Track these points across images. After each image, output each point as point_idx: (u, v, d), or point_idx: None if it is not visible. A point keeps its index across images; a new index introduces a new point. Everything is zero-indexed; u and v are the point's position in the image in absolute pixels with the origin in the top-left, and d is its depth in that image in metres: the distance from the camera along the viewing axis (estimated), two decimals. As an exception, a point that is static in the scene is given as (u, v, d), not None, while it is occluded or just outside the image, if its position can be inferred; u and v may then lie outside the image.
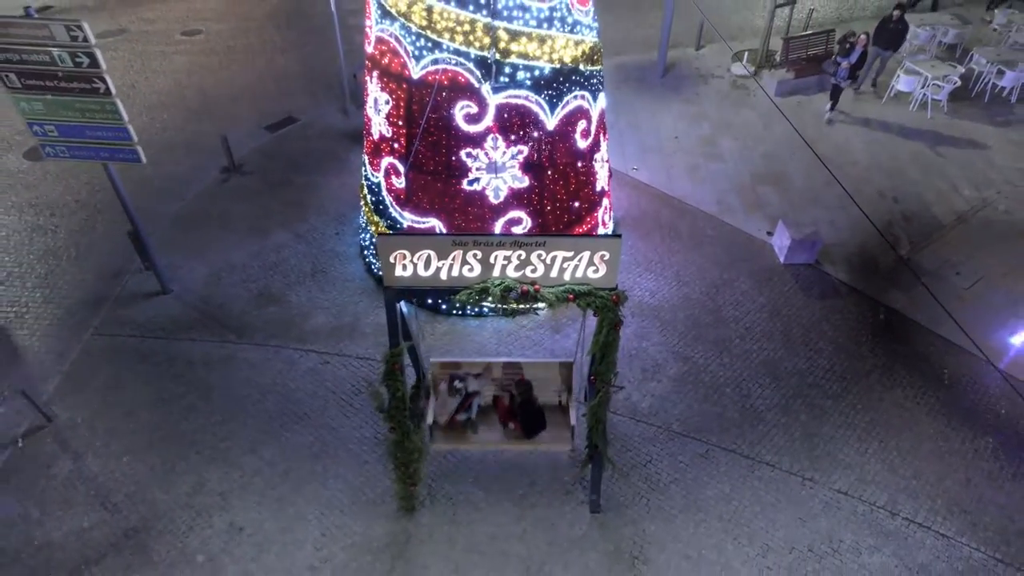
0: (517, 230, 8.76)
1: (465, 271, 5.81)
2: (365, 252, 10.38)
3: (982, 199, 11.54)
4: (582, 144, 8.84)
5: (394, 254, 5.70)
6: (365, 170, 9.74)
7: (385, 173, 9.01)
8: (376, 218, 9.56)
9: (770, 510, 7.27)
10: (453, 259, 5.73)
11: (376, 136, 8.95)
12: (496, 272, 5.81)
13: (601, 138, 9.44)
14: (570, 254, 5.70)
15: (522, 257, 5.71)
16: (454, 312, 9.51)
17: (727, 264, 10.31)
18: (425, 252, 5.71)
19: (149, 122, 13.51)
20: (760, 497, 7.38)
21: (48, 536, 7.12)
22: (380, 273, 9.84)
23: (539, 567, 6.83)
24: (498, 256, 5.72)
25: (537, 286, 5.85)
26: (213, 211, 11.48)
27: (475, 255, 5.69)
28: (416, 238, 5.81)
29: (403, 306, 6.33)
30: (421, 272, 5.82)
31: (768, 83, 14.71)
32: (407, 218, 8.92)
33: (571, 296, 5.89)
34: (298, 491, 7.48)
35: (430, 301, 9.29)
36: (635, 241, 10.65)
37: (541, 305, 9.71)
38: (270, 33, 17.48)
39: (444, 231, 8.65)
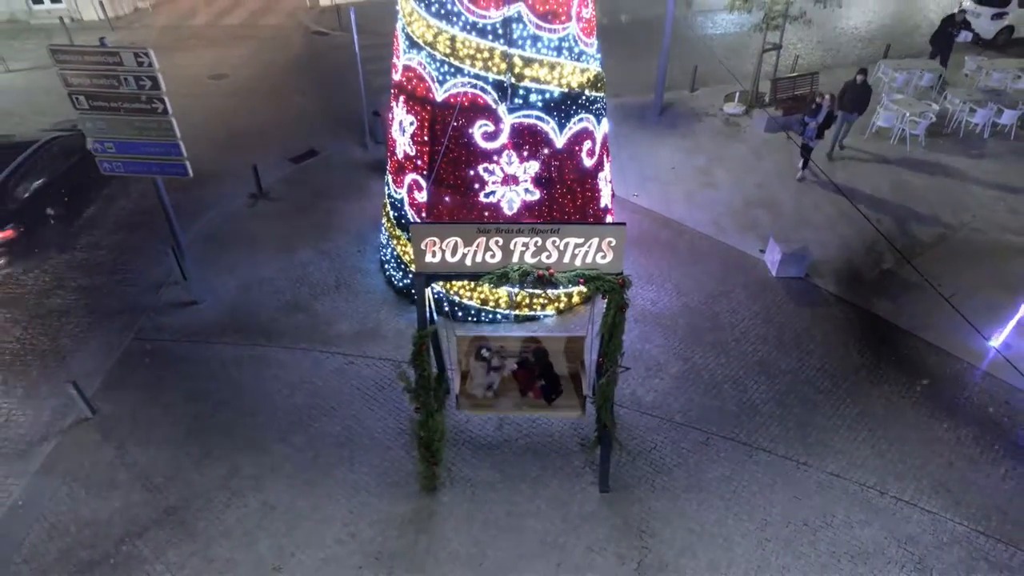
0: (529, 240, 9.52)
1: (488, 257, 6.53)
2: (385, 266, 11.14)
3: (959, 222, 12.38)
4: (588, 163, 9.72)
5: (425, 241, 6.45)
6: (388, 188, 10.59)
7: (408, 189, 9.85)
8: (398, 232, 10.36)
9: (767, 490, 7.80)
10: (477, 246, 6.46)
11: (400, 155, 9.83)
12: (515, 258, 6.53)
13: (604, 159, 10.33)
14: (580, 240, 6.42)
15: (538, 244, 6.44)
16: (469, 319, 10.19)
17: (723, 277, 11.06)
18: (453, 239, 6.45)
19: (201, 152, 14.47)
20: (758, 479, 7.92)
21: (95, 513, 7.64)
22: (399, 284, 10.68)
23: (553, 539, 7.32)
24: (517, 243, 6.45)
25: (551, 270, 6.57)
26: (242, 232, 12.30)
27: (497, 242, 6.42)
28: (445, 226, 6.54)
29: (435, 316, 7.06)
30: (448, 258, 6.54)
31: (758, 120, 15.78)
32: (427, 230, 9.69)
33: (581, 280, 6.61)
34: (326, 474, 8.02)
35: (446, 308, 10.00)
36: (637, 257, 11.41)
37: (550, 312, 10.44)
38: (292, 77, 18.73)
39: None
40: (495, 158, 9.07)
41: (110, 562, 7.17)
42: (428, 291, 6.90)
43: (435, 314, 7.36)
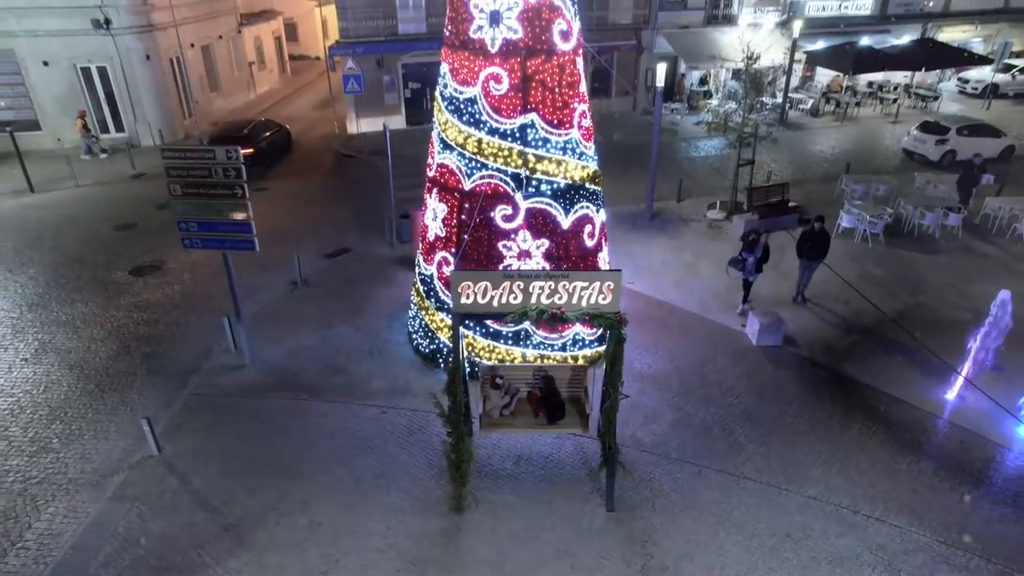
0: (540, 306, 11.15)
1: (511, 299, 8.14)
2: (413, 336, 12.67)
3: (916, 302, 14.07)
4: (589, 243, 11.57)
5: (462, 285, 8.09)
6: (419, 267, 12.37)
7: (437, 265, 11.63)
8: (426, 303, 12.02)
9: (754, 509, 8.87)
10: (503, 289, 8.10)
11: (432, 237, 11.71)
12: (533, 299, 8.14)
13: (603, 242, 12.20)
14: (585, 283, 8.06)
15: (551, 287, 8.07)
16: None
17: (709, 345, 12.56)
18: (484, 284, 8.10)
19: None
20: (745, 501, 9.01)
21: (162, 530, 8.68)
22: (426, 351, 12.16)
23: (566, 548, 8.33)
24: (534, 286, 8.09)
25: (562, 309, 8.16)
26: (285, 312, 13.96)
27: (519, 285, 8.06)
28: (478, 272, 8.18)
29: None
30: (479, 300, 8.15)
31: (738, 224, 17.93)
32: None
33: (587, 318, 8.19)
34: (366, 498, 9.12)
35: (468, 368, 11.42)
36: (632, 332, 12.77)
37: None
38: (325, 190, 21.23)
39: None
40: (512, 236, 10.92)
41: (177, 568, 8.14)
42: (460, 331, 8.44)
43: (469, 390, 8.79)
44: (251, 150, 20.79)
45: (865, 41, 30.24)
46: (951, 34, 33.04)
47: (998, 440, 10.15)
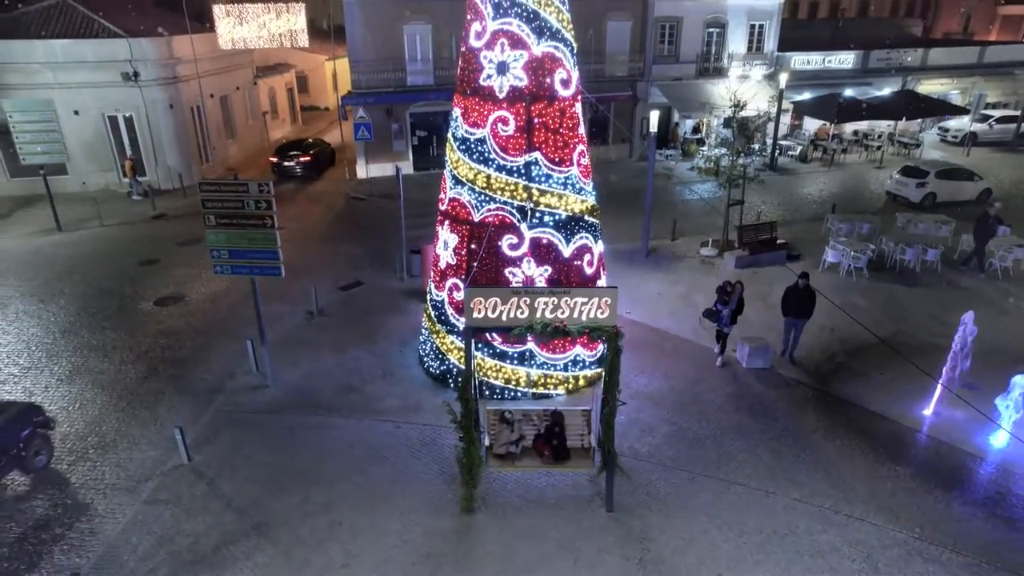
0: (543, 328, 12.03)
1: (518, 313, 9.05)
2: (424, 359, 13.49)
3: (897, 329, 14.93)
4: (588, 271, 12.53)
5: (474, 301, 9.01)
6: (430, 294, 13.29)
7: (448, 291, 12.55)
8: (437, 327, 12.89)
9: (743, 510, 9.55)
10: (511, 304, 9.02)
11: (443, 266, 12.67)
12: (538, 314, 9.03)
13: (601, 271, 13.17)
14: (585, 299, 8.99)
15: (555, 302, 8.99)
16: (495, 396, 12.34)
17: (702, 367, 13.38)
18: (494, 299, 9.03)
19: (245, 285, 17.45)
20: (735, 503, 9.70)
21: (194, 528, 9.36)
22: (436, 372, 12.96)
23: (570, 543, 9.00)
24: (540, 302, 9.01)
25: (565, 322, 9.05)
26: (303, 338, 14.82)
27: (525, 301, 8.99)
28: (488, 289, 9.09)
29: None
30: (490, 314, 9.06)
31: (729, 259, 18.94)
32: (461, 321, 12.23)
33: (586, 331, 9.07)
34: (382, 501, 9.81)
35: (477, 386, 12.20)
36: (630, 355, 13.72)
37: (561, 391, 12.61)
38: (337, 230, 22.34)
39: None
40: (518, 264, 11.88)
41: (208, 562, 8.80)
42: (473, 348, 9.31)
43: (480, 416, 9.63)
44: (308, 158, 28.88)
45: (849, 92, 31.96)
46: (930, 86, 34.82)
47: (971, 451, 10.88)
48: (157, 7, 32.53)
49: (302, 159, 28.60)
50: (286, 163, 28.57)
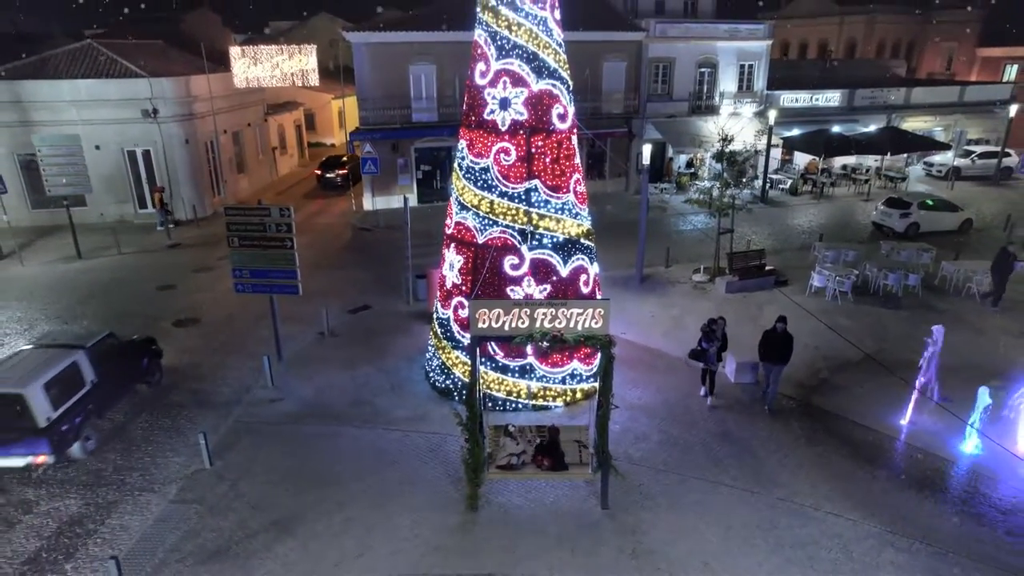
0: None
1: (519, 323, 9.90)
2: (430, 374, 14.28)
3: (879, 347, 15.75)
4: (584, 290, 13.41)
5: (479, 312, 9.87)
6: (436, 312, 14.15)
7: (453, 309, 13.42)
8: (443, 342, 13.72)
9: (730, 508, 10.25)
10: (513, 315, 9.88)
11: (449, 285, 13.56)
12: (538, 324, 9.88)
13: (597, 292, 14.05)
14: (581, 310, 9.84)
15: (553, 313, 9.85)
16: (497, 408, 13.10)
17: (692, 383, 14.14)
18: (497, 310, 9.89)
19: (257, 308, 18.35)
20: (722, 501, 10.41)
21: (218, 523, 10.06)
22: (441, 386, 13.73)
23: (568, 536, 9.69)
24: (539, 313, 9.86)
25: (562, 332, 9.89)
26: (314, 356, 15.63)
27: (526, 312, 9.84)
28: (492, 301, 9.94)
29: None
30: (493, 324, 9.91)
31: (720, 284, 19.85)
32: (466, 337, 13.07)
33: (583, 340, 9.91)
34: (393, 500, 10.52)
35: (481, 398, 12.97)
36: (625, 371, 14.56)
37: (559, 403, 13.37)
38: (345, 258, 23.32)
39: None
40: (519, 282, 12.77)
41: (233, 553, 9.48)
42: (477, 358, 10.14)
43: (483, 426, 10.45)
44: (345, 171, 33.93)
45: (836, 128, 33.39)
46: (913, 123, 36.28)
47: (945, 456, 11.62)
48: (175, 48, 34.12)
49: (340, 172, 34.24)
50: (328, 175, 34.56)
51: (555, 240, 12.82)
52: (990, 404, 11.73)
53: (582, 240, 13.29)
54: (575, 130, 13.18)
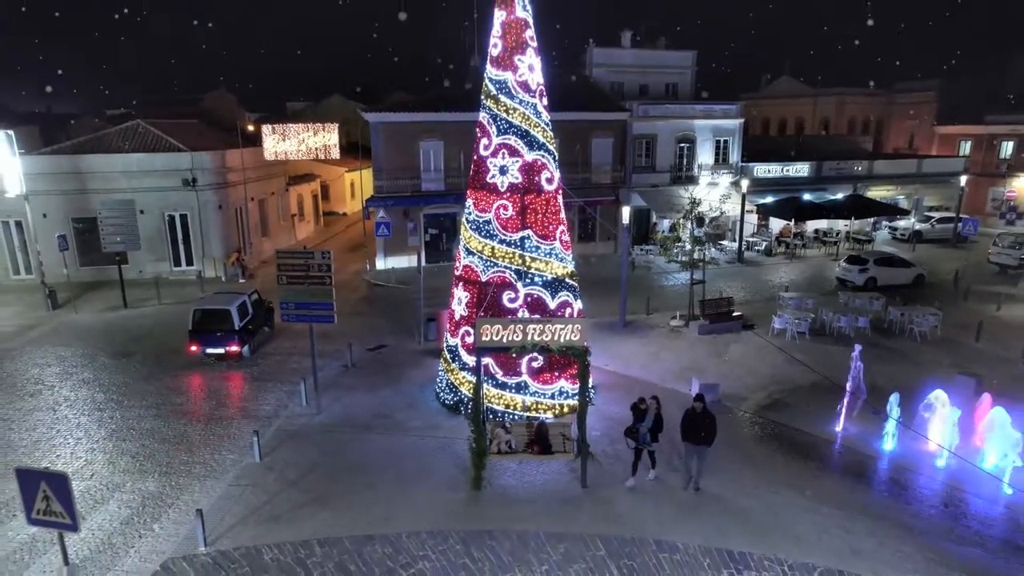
0: (534, 364, 15.48)
1: (515, 337, 12.60)
2: (440, 393, 16.78)
3: (826, 375, 18.27)
4: (570, 321, 16.09)
5: (483, 327, 12.57)
6: (446, 341, 16.80)
7: (460, 337, 16.09)
8: (452, 365, 16.31)
9: (696, 498, 12.59)
10: (509, 330, 12.58)
11: (457, 317, 16.28)
12: (529, 337, 12.56)
13: (581, 323, 16.72)
14: (562, 326, 12.56)
15: (541, 329, 12.56)
16: (496, 417, 15.53)
17: (665, 401, 16.61)
18: (497, 327, 12.60)
19: (292, 346, 20.98)
20: (676, 483, 12.75)
21: (270, 498, 12.40)
22: (449, 403, 16.23)
23: (556, 507, 12.03)
24: (530, 328, 12.58)
25: (548, 343, 12.56)
26: (341, 383, 18.18)
27: (520, 327, 12.56)
28: (494, 319, 12.64)
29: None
30: (494, 338, 12.60)
31: (693, 328, 22.52)
32: (471, 359, 15.67)
33: (565, 349, 12.57)
34: (411, 482, 12.88)
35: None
36: (606, 393, 17.08)
37: (550, 415, 15.81)
38: (362, 305, 26.09)
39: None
40: (515, 313, 15.48)
41: (285, 518, 11.81)
42: (480, 368, 12.77)
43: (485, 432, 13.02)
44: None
45: (807, 196, 36.83)
46: (877, 192, 39.83)
47: (870, 453, 14.02)
48: (209, 127, 38.07)
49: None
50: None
51: (544, 279, 15.63)
52: (899, 412, 14.25)
53: (567, 279, 16.10)
54: (560, 191, 16.24)
